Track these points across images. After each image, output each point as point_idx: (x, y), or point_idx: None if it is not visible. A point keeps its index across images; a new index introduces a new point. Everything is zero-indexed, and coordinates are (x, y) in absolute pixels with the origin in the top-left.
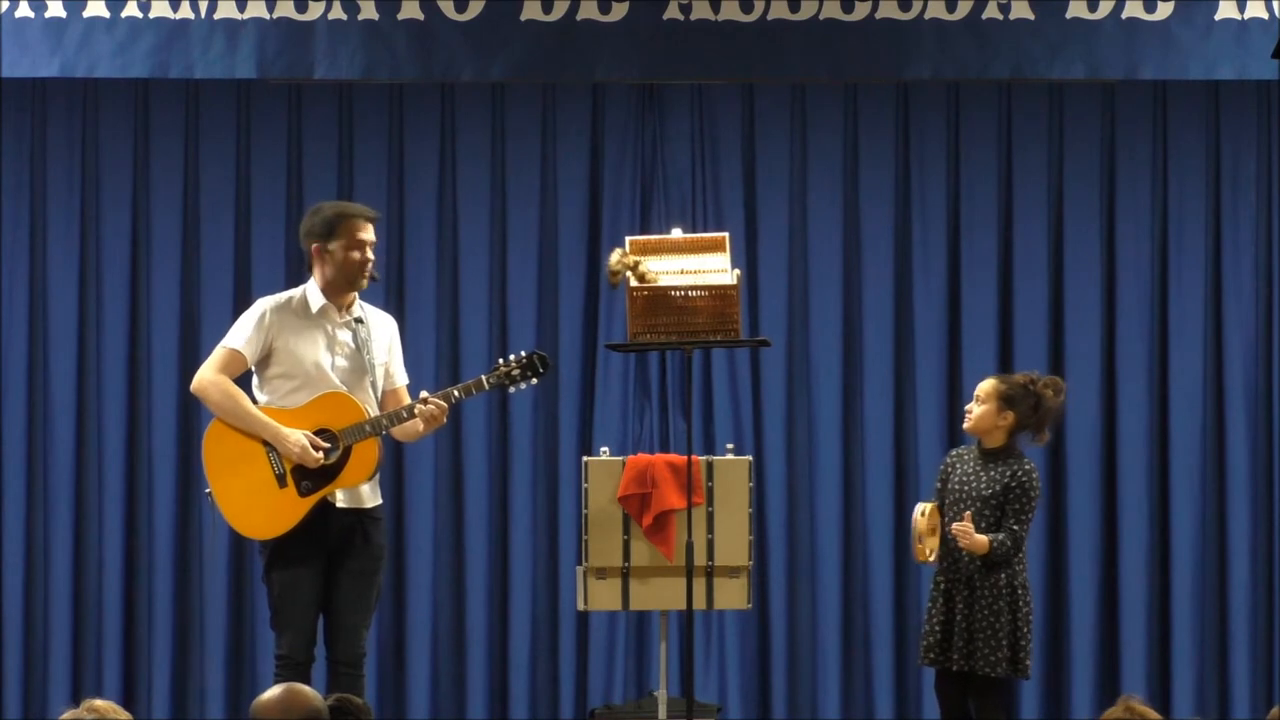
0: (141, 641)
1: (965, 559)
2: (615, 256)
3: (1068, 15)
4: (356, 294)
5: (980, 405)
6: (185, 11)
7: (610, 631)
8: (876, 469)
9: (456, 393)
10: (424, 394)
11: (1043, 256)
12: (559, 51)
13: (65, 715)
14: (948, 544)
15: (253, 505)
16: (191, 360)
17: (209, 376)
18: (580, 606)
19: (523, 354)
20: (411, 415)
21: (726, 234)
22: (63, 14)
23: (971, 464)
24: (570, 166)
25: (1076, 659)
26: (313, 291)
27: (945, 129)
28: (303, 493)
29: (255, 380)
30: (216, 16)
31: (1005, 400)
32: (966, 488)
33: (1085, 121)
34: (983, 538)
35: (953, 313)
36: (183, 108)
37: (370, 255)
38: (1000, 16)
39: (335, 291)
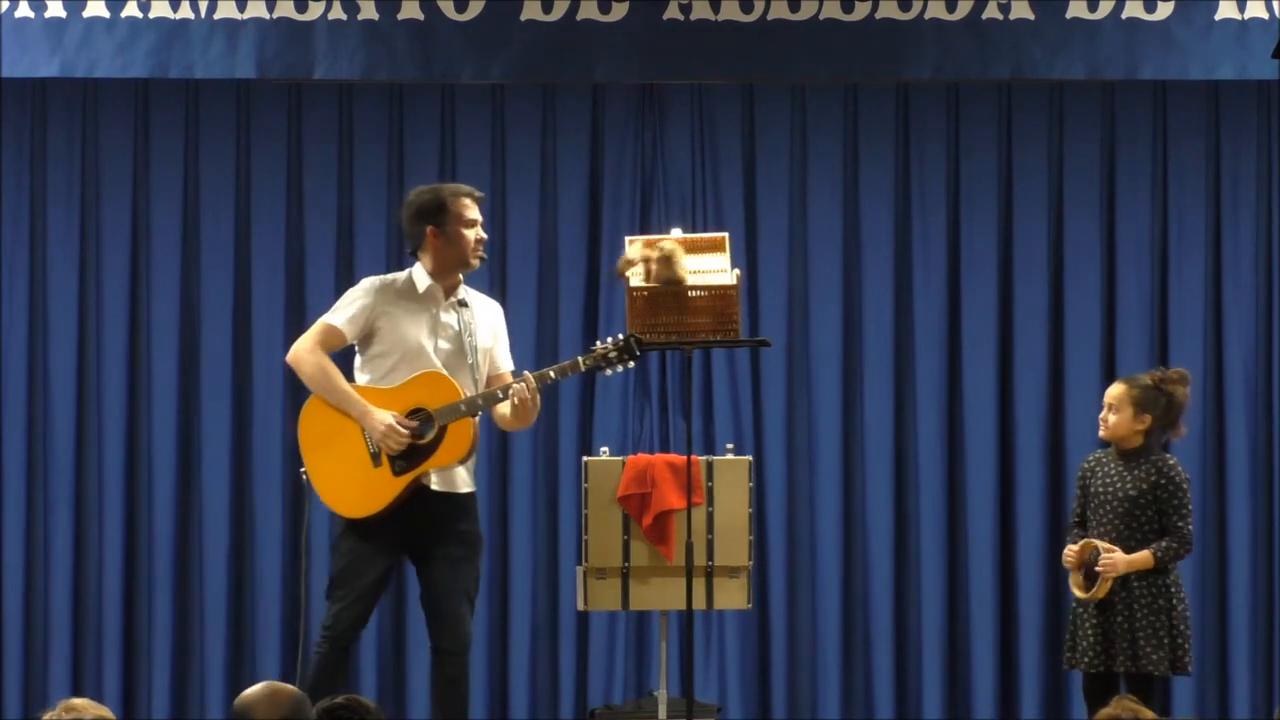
0: (141, 641)
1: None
2: (636, 249)
3: (1068, 15)
4: (462, 278)
5: (1115, 413)
6: (185, 11)
7: (610, 631)
8: (876, 469)
9: (552, 373)
10: (525, 373)
11: (1043, 256)
12: (559, 51)
13: (46, 716)
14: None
15: (347, 483)
16: (192, 360)
17: (306, 348)
18: (580, 606)
19: (620, 336)
20: (506, 396)
21: (726, 234)
22: (63, 14)
23: (1112, 466)
24: (570, 166)
25: None
26: (419, 274)
27: (945, 129)
28: (396, 472)
29: (357, 359)
30: (216, 16)
31: (1139, 405)
32: (1111, 490)
33: (1085, 121)
34: (1141, 554)
35: (953, 313)
36: (183, 108)
37: (483, 234)
38: (1000, 16)
39: (445, 274)
